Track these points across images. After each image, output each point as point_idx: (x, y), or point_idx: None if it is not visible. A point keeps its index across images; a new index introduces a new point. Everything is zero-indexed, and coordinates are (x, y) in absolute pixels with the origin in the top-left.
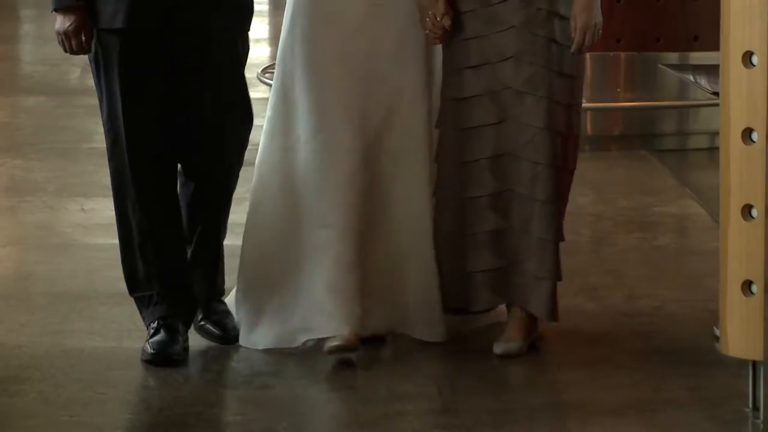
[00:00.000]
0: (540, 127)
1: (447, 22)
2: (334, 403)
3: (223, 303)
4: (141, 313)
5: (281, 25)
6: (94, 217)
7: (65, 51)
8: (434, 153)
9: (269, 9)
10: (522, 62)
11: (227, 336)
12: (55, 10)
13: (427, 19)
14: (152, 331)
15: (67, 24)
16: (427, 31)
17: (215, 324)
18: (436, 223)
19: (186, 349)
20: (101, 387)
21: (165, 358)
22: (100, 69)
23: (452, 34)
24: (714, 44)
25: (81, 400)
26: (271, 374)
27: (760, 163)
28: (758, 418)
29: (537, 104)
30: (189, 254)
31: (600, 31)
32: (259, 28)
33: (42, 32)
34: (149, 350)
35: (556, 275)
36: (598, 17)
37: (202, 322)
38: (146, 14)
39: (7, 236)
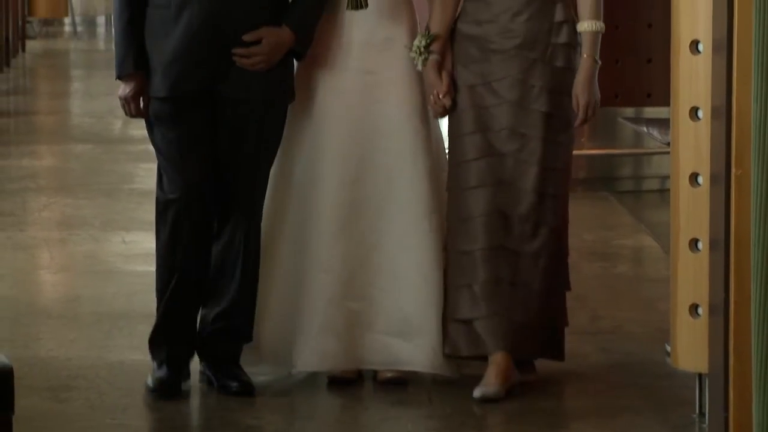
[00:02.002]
0: (532, 190)
1: (447, 101)
2: (339, 409)
3: (238, 366)
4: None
5: None
6: (134, 248)
7: (126, 114)
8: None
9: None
10: (516, 133)
11: (247, 390)
12: (118, 77)
13: (431, 96)
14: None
15: (128, 90)
16: (430, 107)
17: (232, 378)
18: (443, 277)
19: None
20: (139, 395)
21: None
22: (152, 131)
23: (456, 105)
24: (665, 100)
25: (121, 406)
26: (285, 384)
27: (704, 203)
28: (704, 423)
29: (530, 170)
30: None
31: (599, 105)
32: None
33: (89, 89)
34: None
35: (561, 322)
36: (597, 93)
37: (220, 381)
38: (190, 83)
39: (58, 264)
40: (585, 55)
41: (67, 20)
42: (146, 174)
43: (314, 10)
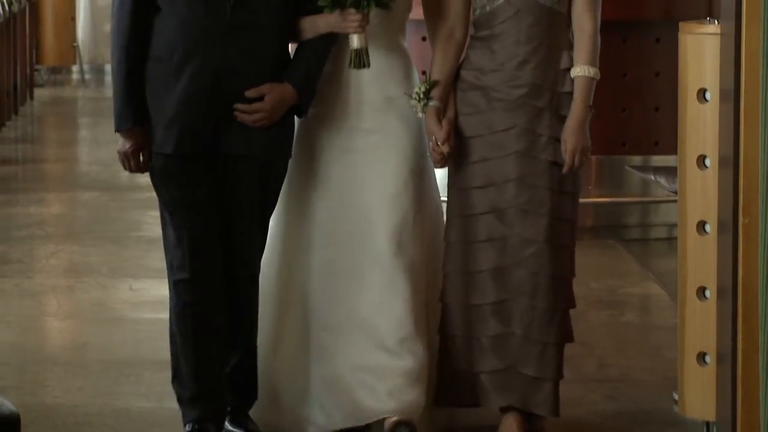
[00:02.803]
0: (541, 241)
1: (446, 149)
2: None
3: (246, 415)
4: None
5: None
6: (141, 296)
7: (125, 169)
8: (441, 263)
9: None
10: (524, 183)
11: None
12: (117, 131)
13: (430, 143)
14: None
15: (127, 145)
16: (429, 154)
17: (239, 426)
18: (443, 328)
19: None
20: None
21: None
22: (157, 187)
23: (461, 157)
24: (672, 149)
25: None
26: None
27: (712, 251)
28: None
29: (539, 221)
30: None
31: (589, 153)
32: None
33: (97, 137)
34: None
35: (558, 375)
36: (587, 140)
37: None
38: (193, 140)
39: (66, 311)
40: (577, 100)
41: (75, 68)
42: (153, 221)
43: (316, 67)
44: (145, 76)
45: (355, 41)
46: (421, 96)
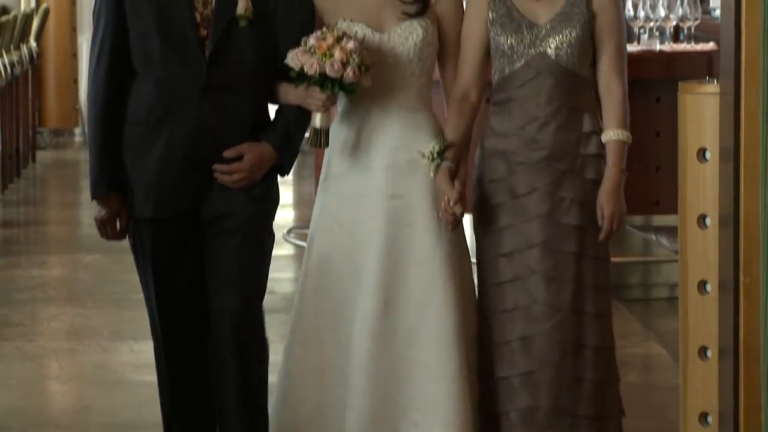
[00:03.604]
0: (567, 308)
1: (458, 210)
2: None
3: None
4: None
5: (303, 192)
6: (143, 358)
7: (102, 236)
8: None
9: (293, 178)
10: (549, 249)
11: None
12: (93, 198)
13: (442, 203)
14: None
15: (103, 212)
16: (440, 216)
17: None
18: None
19: None
20: None
21: None
22: (137, 254)
23: (486, 226)
24: (673, 208)
25: None
26: None
27: (713, 311)
28: None
29: (564, 288)
30: None
31: (624, 217)
32: (283, 195)
33: None
34: None
35: None
36: (623, 204)
37: None
38: (173, 204)
39: (67, 374)
40: (610, 165)
41: (77, 131)
42: None
43: (296, 126)
44: (122, 140)
45: (317, 120)
46: (435, 156)
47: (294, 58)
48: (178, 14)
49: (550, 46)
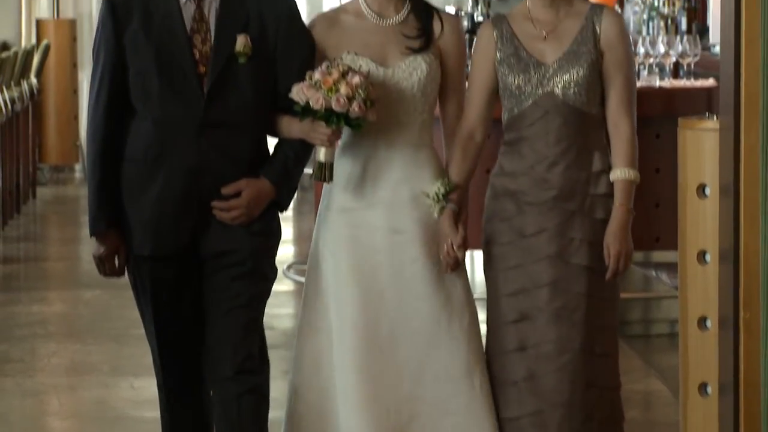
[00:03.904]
0: (576, 349)
1: (461, 254)
2: None
3: None
4: None
5: (303, 228)
6: (143, 394)
7: (100, 273)
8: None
9: (293, 214)
10: (557, 289)
11: None
12: (92, 235)
13: (444, 245)
14: None
15: (101, 249)
16: (441, 257)
17: None
18: None
19: None
20: None
21: None
22: (137, 290)
23: (494, 265)
24: (673, 244)
25: None
26: None
27: (713, 347)
28: None
29: (573, 328)
30: None
31: (632, 256)
32: (283, 230)
33: None
34: None
35: None
36: (630, 243)
37: None
38: (172, 241)
39: (67, 410)
40: (618, 204)
41: (77, 167)
42: None
43: (294, 162)
44: (121, 178)
45: (321, 154)
46: (440, 197)
47: (299, 93)
48: (177, 51)
49: (557, 86)
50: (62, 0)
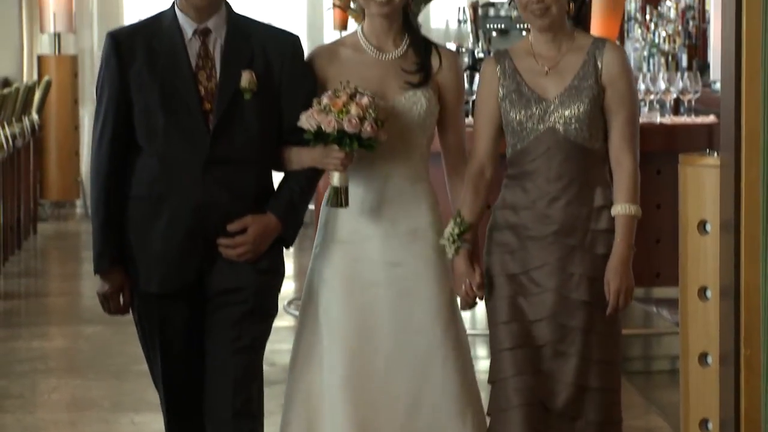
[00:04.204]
0: (570, 383)
1: (480, 293)
2: None
3: None
4: None
5: (304, 263)
6: (143, 430)
7: (105, 311)
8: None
9: (294, 250)
10: (556, 323)
11: None
12: (96, 272)
13: (463, 286)
14: None
15: (106, 287)
16: (460, 297)
17: None
18: None
19: None
20: None
21: None
22: (141, 328)
23: (494, 294)
24: (674, 281)
25: None
26: None
27: (714, 383)
28: None
29: (569, 362)
30: None
31: (632, 292)
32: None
33: None
34: None
35: None
36: (631, 279)
37: None
38: (178, 279)
39: None
40: (618, 239)
41: (78, 202)
42: None
43: (300, 197)
44: (126, 215)
45: (335, 179)
46: (455, 238)
47: (309, 119)
48: (182, 88)
49: (558, 121)
50: (63, 36)
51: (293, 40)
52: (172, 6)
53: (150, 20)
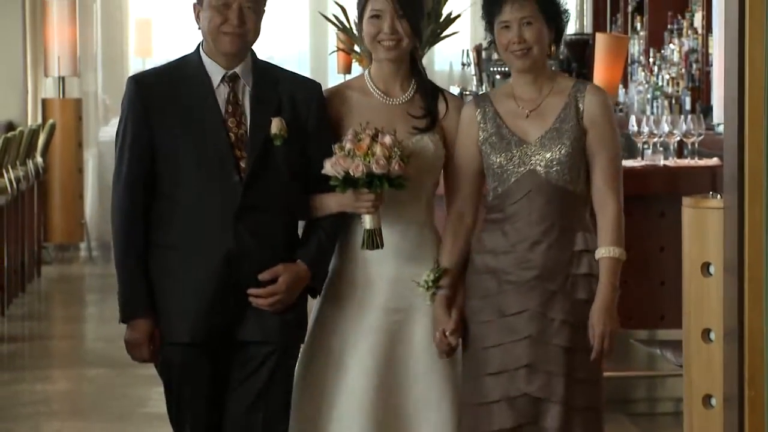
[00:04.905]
0: (555, 429)
1: (453, 340)
2: None
3: None
4: None
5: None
6: None
7: (133, 359)
8: None
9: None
10: (537, 370)
11: None
12: (123, 321)
13: (437, 333)
14: None
15: (135, 334)
16: (435, 344)
17: None
18: None
19: None
20: None
21: None
22: (168, 376)
23: (473, 343)
24: (678, 323)
25: None
26: None
27: (718, 425)
28: None
29: (552, 409)
30: None
31: (615, 335)
32: None
33: (104, 313)
34: None
35: None
36: (616, 323)
37: None
38: (207, 328)
39: None
40: (603, 282)
41: (83, 245)
42: (159, 397)
43: (328, 245)
44: (155, 264)
45: (368, 222)
46: (430, 284)
47: (335, 165)
48: (212, 135)
49: (540, 164)
50: (68, 80)
51: (318, 88)
52: (197, 50)
53: (174, 64)
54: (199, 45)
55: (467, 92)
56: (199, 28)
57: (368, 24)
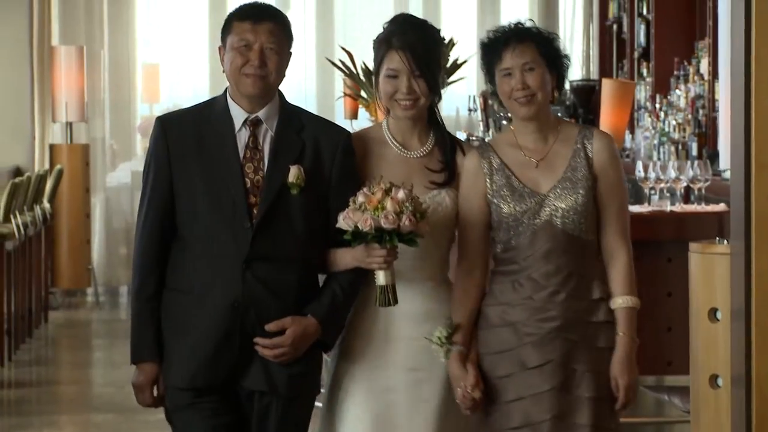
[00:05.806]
0: None
1: (477, 394)
2: None
3: None
4: None
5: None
6: None
7: (138, 402)
8: None
9: None
10: (563, 422)
11: None
12: (133, 362)
13: (459, 389)
14: None
15: (140, 378)
16: (458, 401)
17: None
18: None
19: None
20: None
21: None
22: (172, 422)
23: (494, 399)
24: (685, 369)
25: None
26: None
27: None
28: None
29: None
30: None
31: (638, 385)
32: None
33: (111, 358)
34: None
35: None
36: (636, 372)
37: None
38: (212, 375)
39: None
40: (621, 333)
41: (90, 290)
42: None
43: (343, 300)
44: (163, 307)
45: (380, 277)
46: (443, 341)
47: (346, 219)
48: (228, 179)
49: (555, 214)
50: (75, 125)
51: (346, 135)
52: (225, 92)
53: (202, 106)
54: (226, 87)
55: (473, 137)
56: (224, 71)
57: (384, 82)
